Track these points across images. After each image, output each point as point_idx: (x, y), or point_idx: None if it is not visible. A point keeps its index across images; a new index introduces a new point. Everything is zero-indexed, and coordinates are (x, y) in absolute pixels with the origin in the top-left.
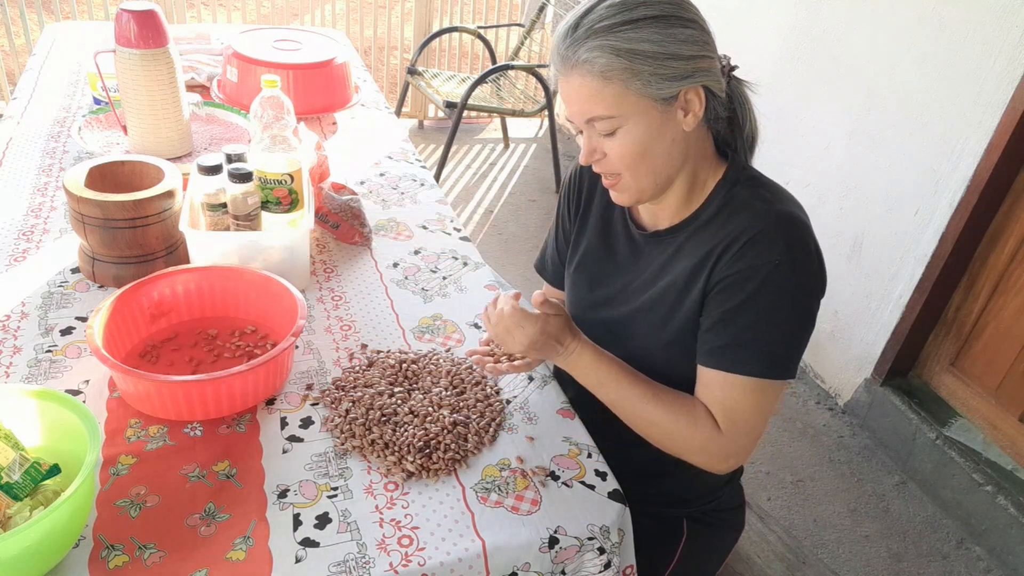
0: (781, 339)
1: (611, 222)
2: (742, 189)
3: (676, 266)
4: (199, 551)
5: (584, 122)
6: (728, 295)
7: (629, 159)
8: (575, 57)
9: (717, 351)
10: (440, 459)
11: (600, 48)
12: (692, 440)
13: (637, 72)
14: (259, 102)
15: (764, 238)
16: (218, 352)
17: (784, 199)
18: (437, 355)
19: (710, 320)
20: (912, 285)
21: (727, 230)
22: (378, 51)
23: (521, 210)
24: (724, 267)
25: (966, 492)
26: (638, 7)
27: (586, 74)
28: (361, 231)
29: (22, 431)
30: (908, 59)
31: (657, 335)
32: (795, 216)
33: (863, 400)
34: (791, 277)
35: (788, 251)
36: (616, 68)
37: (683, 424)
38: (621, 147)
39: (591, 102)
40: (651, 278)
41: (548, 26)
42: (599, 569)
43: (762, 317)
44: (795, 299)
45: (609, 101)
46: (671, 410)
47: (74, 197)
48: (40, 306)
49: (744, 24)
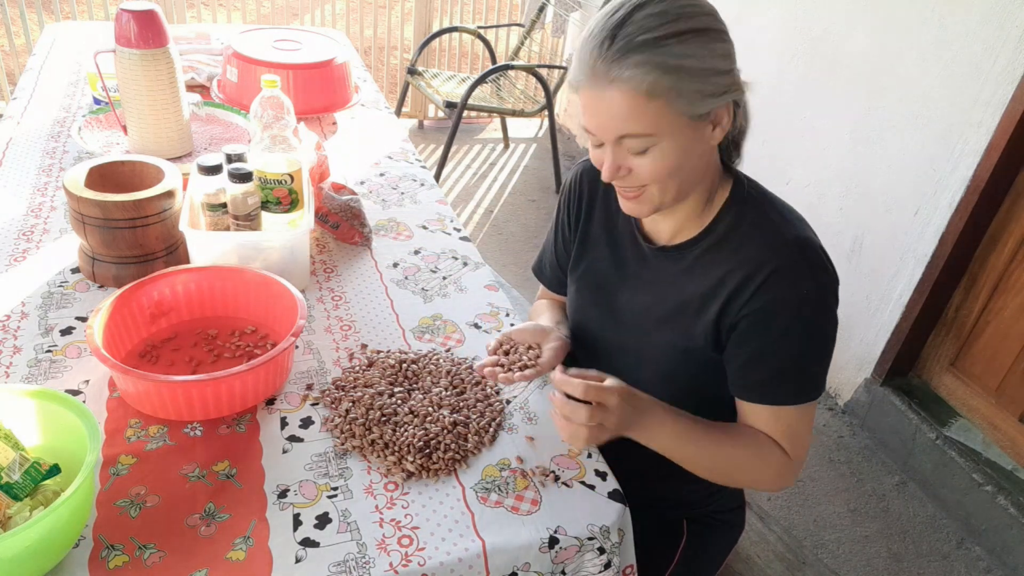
0: (819, 363)
1: (617, 233)
2: (751, 209)
3: (690, 285)
4: (199, 551)
5: (615, 139)
6: (761, 329)
7: (659, 175)
8: (615, 72)
9: (759, 386)
10: (440, 459)
11: (647, 65)
12: (768, 470)
13: (682, 91)
14: (259, 102)
15: (789, 270)
16: (218, 352)
17: (794, 220)
18: (437, 355)
19: (746, 355)
20: (912, 285)
21: (742, 256)
22: (378, 51)
23: (521, 210)
24: (749, 300)
25: (966, 492)
26: (680, 19)
27: (628, 91)
28: (361, 231)
29: (22, 431)
30: (908, 59)
31: (671, 349)
32: (810, 240)
33: (863, 400)
34: (821, 304)
35: (814, 279)
36: (663, 86)
37: (758, 459)
38: (652, 164)
39: (628, 120)
40: (663, 293)
41: (548, 26)
42: (599, 569)
43: (802, 348)
44: (826, 322)
45: (648, 120)
46: (747, 448)
47: (74, 197)
48: (40, 306)
49: (744, 24)
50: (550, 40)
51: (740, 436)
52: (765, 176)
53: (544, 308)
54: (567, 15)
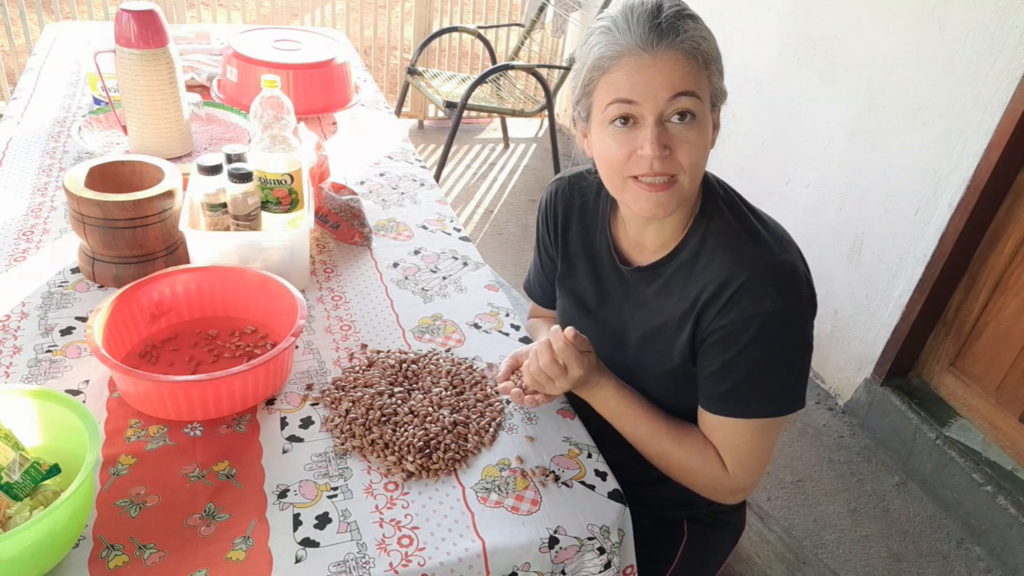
0: (781, 379)
1: (595, 253)
2: (718, 223)
3: (667, 304)
4: (199, 551)
5: (670, 97)
6: (724, 345)
7: (696, 157)
8: (678, 32)
9: (719, 398)
10: (440, 459)
11: (702, 31)
12: (703, 477)
13: (718, 70)
14: (259, 102)
15: (753, 287)
16: (218, 352)
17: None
18: (437, 355)
19: (710, 369)
20: (912, 285)
21: (710, 274)
22: (378, 51)
23: (521, 210)
24: (715, 317)
25: (966, 492)
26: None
27: (689, 52)
28: (361, 231)
29: (22, 431)
30: (908, 59)
31: (654, 369)
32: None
33: (863, 400)
34: (785, 321)
35: (779, 296)
36: (711, 57)
37: (696, 462)
38: (697, 138)
39: (689, 77)
40: (644, 314)
41: (548, 26)
42: (599, 569)
43: (761, 363)
44: (792, 338)
45: (702, 84)
46: (685, 448)
47: (74, 197)
48: (40, 306)
49: (744, 24)
50: (550, 40)
51: (684, 436)
52: (765, 176)
53: (540, 326)
54: (567, 15)
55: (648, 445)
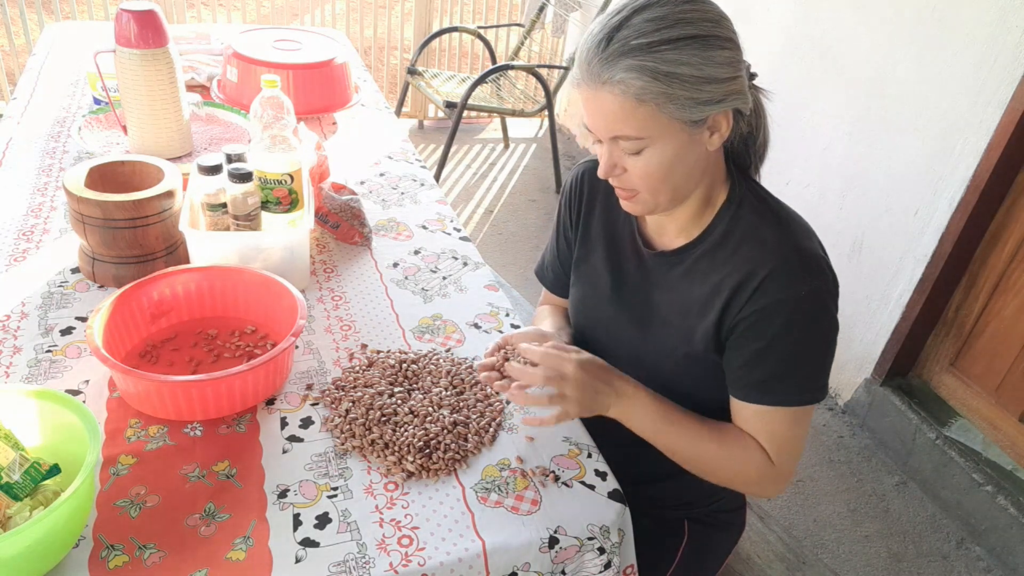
0: (815, 365)
1: (617, 236)
2: (747, 211)
3: (689, 290)
4: (199, 551)
5: (609, 138)
6: (757, 332)
7: (651, 179)
8: (607, 75)
9: (755, 386)
10: (440, 459)
11: (638, 69)
12: (748, 473)
13: (673, 96)
14: (259, 102)
15: (784, 273)
16: (218, 352)
17: (790, 221)
18: (437, 355)
19: (742, 358)
20: (912, 285)
21: (738, 261)
22: (378, 51)
23: (521, 210)
24: (745, 304)
25: (966, 492)
26: (678, 24)
27: (619, 94)
28: (361, 231)
29: (22, 431)
30: (908, 59)
31: (672, 354)
32: (806, 246)
33: (863, 400)
34: (817, 306)
35: (810, 281)
36: (652, 91)
37: (738, 459)
38: (645, 166)
39: (620, 122)
40: (663, 299)
41: (548, 26)
42: (599, 569)
43: (796, 350)
44: (823, 324)
45: (639, 123)
46: (727, 446)
47: (74, 197)
48: (40, 306)
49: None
50: (550, 40)
51: (723, 433)
52: (765, 176)
53: (547, 314)
54: (567, 15)
55: (690, 451)
